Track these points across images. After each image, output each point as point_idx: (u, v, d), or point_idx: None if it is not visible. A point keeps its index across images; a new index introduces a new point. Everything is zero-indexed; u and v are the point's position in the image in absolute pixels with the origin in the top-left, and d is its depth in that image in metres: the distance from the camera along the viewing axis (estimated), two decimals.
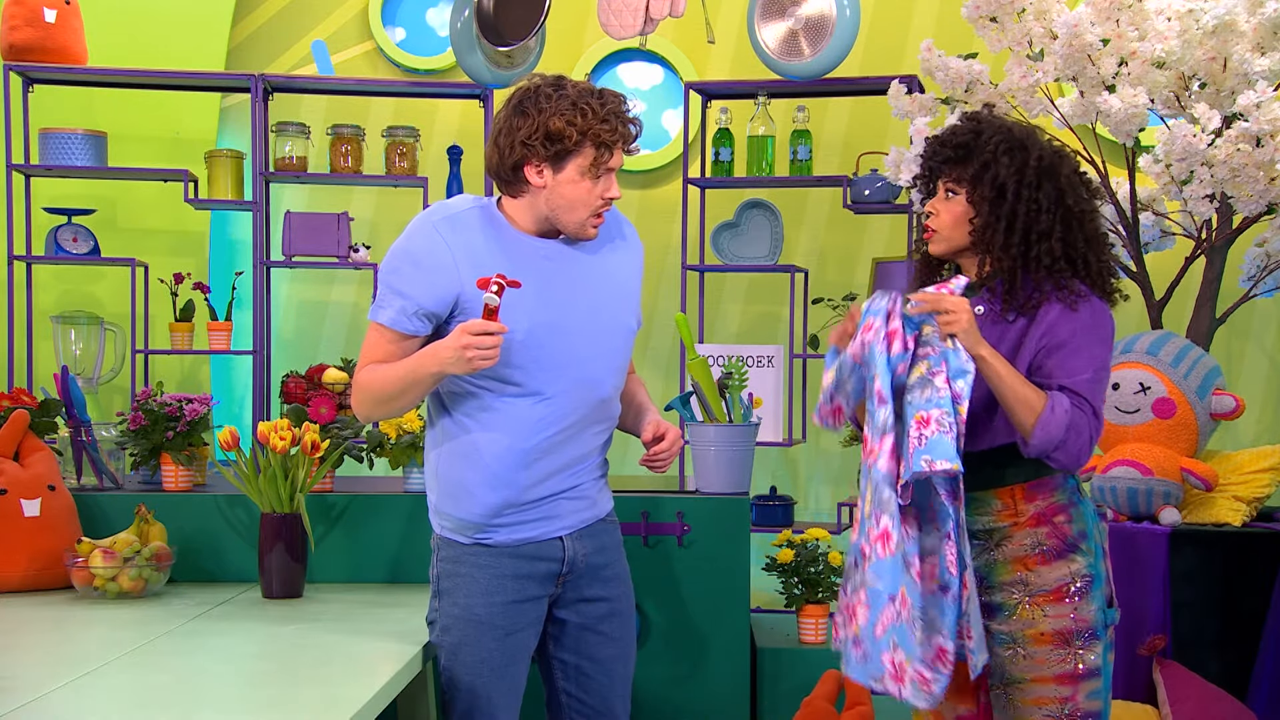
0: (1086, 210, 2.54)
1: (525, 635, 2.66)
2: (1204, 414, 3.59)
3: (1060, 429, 2.42)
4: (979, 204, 2.52)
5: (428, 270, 2.55)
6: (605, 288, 2.66)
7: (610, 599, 2.72)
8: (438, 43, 5.33)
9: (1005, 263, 2.50)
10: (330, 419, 3.56)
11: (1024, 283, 2.51)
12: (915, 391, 2.43)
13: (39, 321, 4.59)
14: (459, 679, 2.63)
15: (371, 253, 4.57)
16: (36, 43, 4.44)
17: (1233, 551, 3.45)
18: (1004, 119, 2.59)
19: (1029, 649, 2.49)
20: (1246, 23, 3.56)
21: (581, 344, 2.61)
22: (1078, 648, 2.48)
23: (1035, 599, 2.50)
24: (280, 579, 3.16)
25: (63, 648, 2.67)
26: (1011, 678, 2.51)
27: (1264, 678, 3.39)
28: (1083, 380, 2.46)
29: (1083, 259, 2.52)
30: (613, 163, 2.61)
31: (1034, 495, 2.52)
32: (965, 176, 2.53)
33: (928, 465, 2.36)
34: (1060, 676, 2.48)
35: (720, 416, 3.58)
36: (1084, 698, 2.48)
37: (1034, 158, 2.51)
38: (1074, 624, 2.48)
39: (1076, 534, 2.52)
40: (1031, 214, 2.49)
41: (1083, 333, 2.48)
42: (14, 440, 3.36)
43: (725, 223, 4.70)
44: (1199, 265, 4.01)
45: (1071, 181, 2.54)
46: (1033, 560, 2.51)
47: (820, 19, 4.45)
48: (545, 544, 2.65)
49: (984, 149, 2.52)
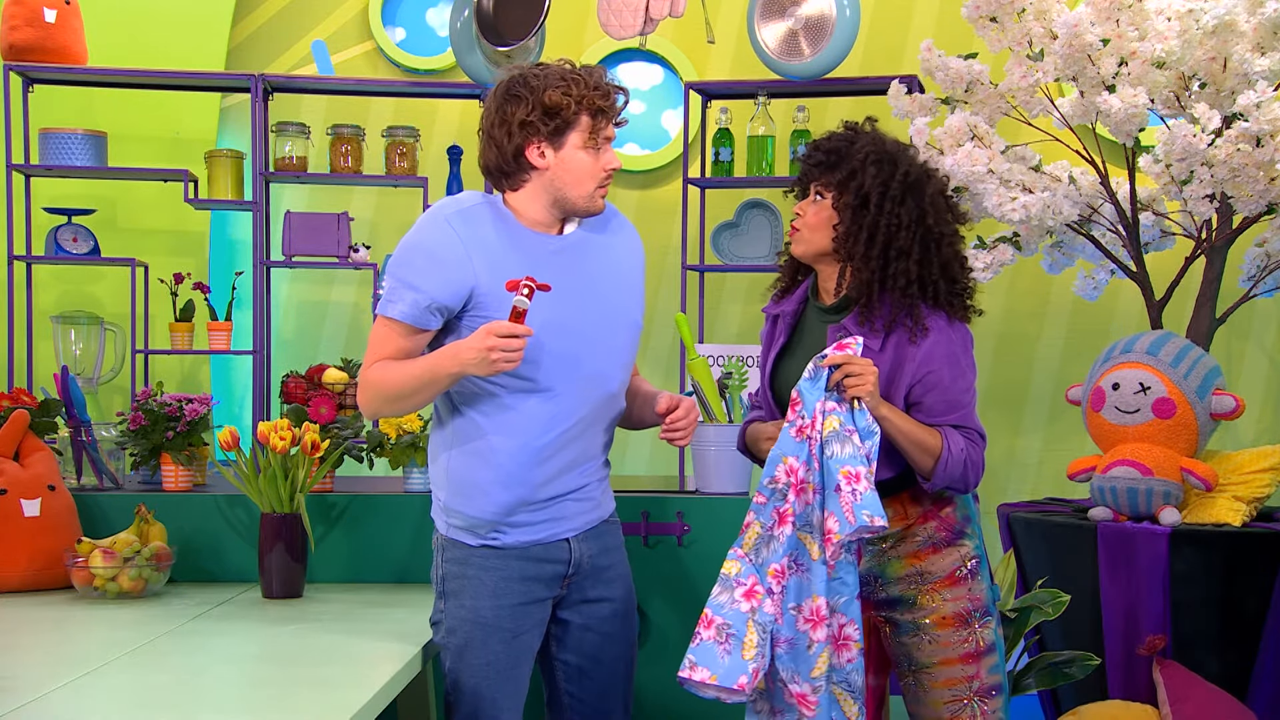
0: (946, 232, 2.60)
1: (530, 637, 2.67)
2: (1204, 414, 3.59)
3: (959, 467, 2.55)
4: (843, 211, 2.58)
5: (442, 263, 2.55)
6: (612, 282, 2.67)
7: (613, 599, 2.73)
8: (438, 43, 5.33)
9: (864, 274, 2.56)
10: (330, 419, 3.56)
11: (880, 301, 2.55)
12: (834, 445, 2.48)
13: (39, 321, 4.59)
14: (464, 681, 2.62)
15: (371, 253, 4.56)
16: (36, 43, 4.43)
17: (1233, 551, 3.45)
18: (882, 133, 2.65)
19: (933, 633, 2.62)
20: (1246, 23, 3.56)
21: (591, 339, 2.61)
22: (975, 626, 2.62)
23: (932, 586, 2.62)
24: (280, 579, 3.16)
25: (63, 648, 2.67)
26: (919, 663, 2.64)
27: (1264, 678, 3.39)
28: (965, 413, 2.58)
29: (933, 285, 2.57)
30: (608, 132, 2.61)
31: (919, 497, 2.64)
32: (833, 182, 2.59)
33: (869, 519, 2.42)
34: (965, 656, 2.61)
35: (720, 416, 3.58)
36: (986, 673, 2.61)
37: (900, 172, 2.57)
38: (970, 604, 2.62)
39: (961, 519, 2.65)
40: (892, 229, 2.55)
41: (951, 364, 2.56)
42: (14, 440, 3.36)
43: (725, 223, 4.70)
44: (1199, 265, 4.01)
45: (935, 202, 2.59)
46: (925, 553, 2.63)
47: (820, 19, 4.45)
48: (552, 546, 2.66)
49: (854, 157, 2.58)
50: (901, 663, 2.66)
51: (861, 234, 2.55)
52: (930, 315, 2.56)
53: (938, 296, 2.57)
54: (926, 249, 2.56)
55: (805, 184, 2.66)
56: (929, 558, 2.62)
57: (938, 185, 2.62)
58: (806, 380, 2.53)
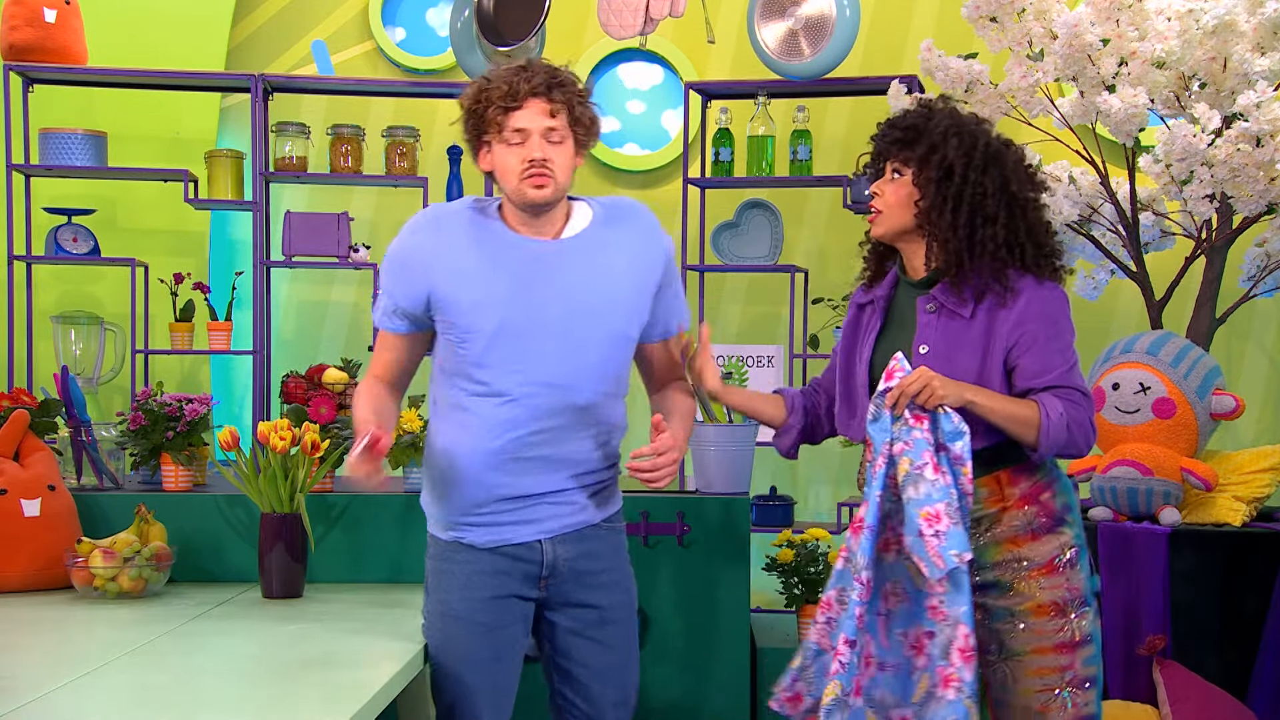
0: (1030, 198, 2.58)
1: (510, 632, 2.66)
2: (1204, 414, 3.59)
3: (1063, 431, 2.48)
4: (925, 185, 2.55)
5: (405, 268, 2.63)
6: (595, 291, 2.61)
7: (601, 606, 2.70)
8: (438, 43, 5.33)
9: (952, 244, 2.53)
10: (330, 419, 3.56)
11: (970, 270, 2.53)
12: (909, 488, 2.46)
13: (39, 321, 4.59)
14: (441, 674, 2.65)
15: (371, 253, 4.56)
16: (36, 43, 4.44)
17: (1233, 551, 3.45)
18: (958, 108, 2.63)
19: (1029, 621, 2.55)
20: (1246, 23, 3.56)
21: (553, 348, 2.58)
22: (1073, 616, 2.55)
23: (1029, 573, 2.56)
24: (280, 579, 3.16)
25: (63, 648, 2.67)
26: (1011, 651, 2.56)
27: (1264, 678, 3.39)
28: (1062, 373, 2.51)
29: (1021, 247, 2.54)
30: (523, 122, 2.57)
31: (1017, 479, 2.58)
32: (913, 158, 2.57)
33: (958, 559, 2.41)
34: (1059, 646, 2.54)
35: (720, 416, 3.58)
36: (1081, 664, 2.55)
37: (982, 143, 2.55)
38: (1068, 593, 2.55)
39: (1062, 507, 2.60)
40: (977, 197, 2.52)
41: (1047, 324, 2.52)
42: (14, 440, 3.36)
43: (725, 223, 4.70)
44: (1199, 265, 4.01)
45: (1017, 171, 2.58)
46: (1024, 539, 2.57)
47: (820, 19, 4.45)
48: (523, 545, 2.65)
49: (933, 131, 2.56)
50: (992, 649, 2.58)
51: (946, 205, 2.52)
52: (1019, 279, 2.53)
53: (1025, 259, 2.54)
54: (1012, 214, 2.53)
55: (881, 162, 2.63)
56: (1027, 544, 2.55)
57: (1017, 155, 2.60)
58: (871, 423, 2.52)
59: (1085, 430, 2.51)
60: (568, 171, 2.61)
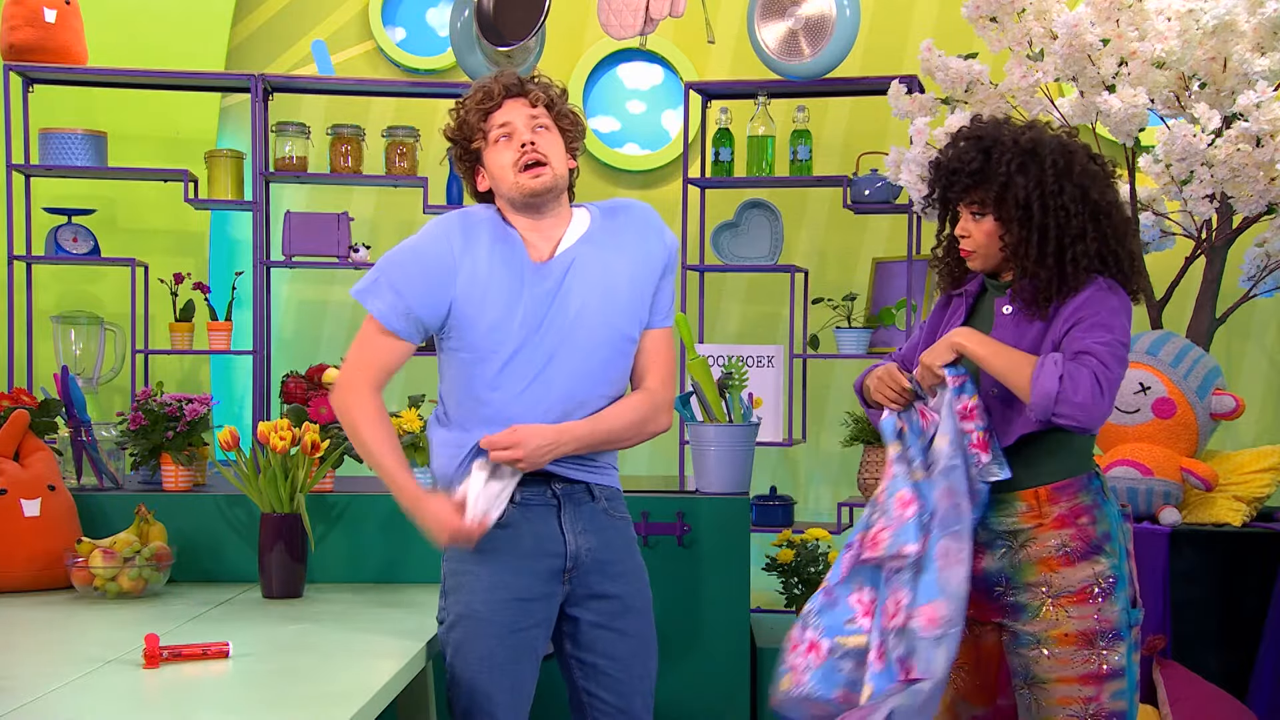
0: (1111, 201, 2.54)
1: (531, 635, 2.66)
2: (1204, 414, 3.59)
3: (1053, 380, 2.37)
4: (1008, 223, 2.52)
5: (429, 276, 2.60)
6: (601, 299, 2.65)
7: (621, 595, 2.71)
8: (438, 43, 5.33)
9: (1044, 275, 2.49)
10: (330, 419, 3.56)
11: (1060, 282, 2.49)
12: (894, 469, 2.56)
13: (39, 321, 4.59)
14: (460, 676, 2.63)
15: (371, 253, 4.56)
16: (36, 43, 4.43)
17: (1233, 551, 3.45)
18: (1006, 128, 2.57)
19: (1054, 649, 2.50)
20: (1246, 23, 3.56)
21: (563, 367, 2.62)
22: (1101, 648, 2.48)
23: (1059, 600, 2.50)
24: (280, 579, 3.16)
25: (63, 648, 2.67)
26: (1036, 678, 2.52)
27: (1264, 678, 3.39)
28: (1097, 344, 2.41)
29: (1114, 255, 2.51)
30: (506, 116, 2.63)
31: (1058, 497, 2.52)
32: (988, 200, 2.53)
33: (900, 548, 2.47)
34: (1084, 677, 2.48)
35: (720, 416, 3.58)
36: (1108, 698, 2.48)
37: (1048, 164, 2.49)
38: (1098, 625, 2.49)
39: (1101, 535, 2.52)
40: (1061, 221, 2.48)
41: (1105, 309, 2.46)
42: (14, 440, 3.36)
43: (725, 223, 4.70)
44: (1199, 265, 4.01)
45: (1089, 173, 2.53)
46: (1057, 561, 2.51)
47: (820, 19, 4.45)
48: (546, 537, 2.66)
49: (996, 172, 2.51)
50: (1018, 673, 2.55)
51: (1033, 237, 2.49)
52: (1092, 279, 2.49)
53: (1122, 270, 2.51)
54: (1099, 223, 2.49)
55: (949, 205, 2.60)
56: (1060, 569, 2.50)
57: (1082, 156, 2.54)
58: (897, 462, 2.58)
59: (1082, 391, 2.35)
60: (561, 160, 2.64)
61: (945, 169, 2.58)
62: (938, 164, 2.61)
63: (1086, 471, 2.56)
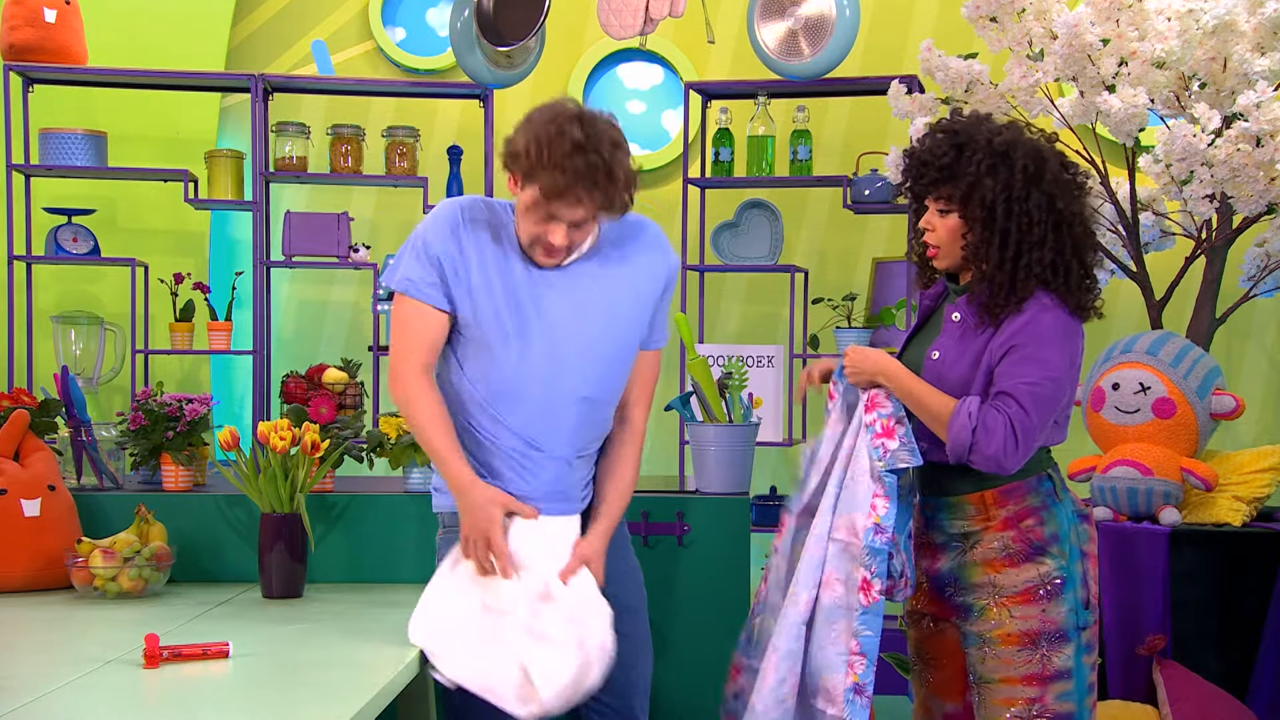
0: (1076, 212, 2.53)
1: None
2: (1204, 414, 3.59)
3: (966, 432, 2.43)
4: (971, 222, 2.52)
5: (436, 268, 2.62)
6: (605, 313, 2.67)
7: (615, 596, 2.72)
8: (438, 43, 5.33)
9: (999, 278, 2.49)
10: (330, 419, 3.56)
11: (1008, 292, 2.49)
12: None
13: (39, 321, 4.59)
14: None
15: (371, 253, 4.57)
16: (36, 43, 4.43)
17: (1233, 551, 3.45)
18: (984, 126, 2.55)
19: (997, 649, 2.52)
20: (1246, 23, 3.56)
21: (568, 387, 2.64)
22: (1044, 649, 2.50)
23: (1002, 600, 2.52)
24: (280, 579, 3.16)
25: (63, 648, 2.67)
26: (983, 677, 2.56)
27: (1264, 678, 3.39)
28: (1022, 384, 2.43)
29: (1066, 268, 2.50)
30: (563, 213, 2.53)
31: (1005, 500, 2.54)
32: (955, 197, 2.52)
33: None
34: (1028, 677, 2.50)
35: (720, 416, 3.58)
36: (1053, 699, 2.50)
37: (1019, 169, 2.48)
38: (1041, 625, 2.50)
39: (1047, 536, 2.53)
40: (1023, 227, 2.48)
41: (1036, 339, 2.45)
42: (14, 440, 3.36)
43: (725, 223, 4.70)
44: (1199, 265, 4.01)
45: (1059, 181, 2.52)
46: (1000, 563, 2.53)
47: (820, 19, 4.44)
48: None
49: (967, 170, 2.50)
50: (971, 672, 2.59)
51: (993, 240, 2.49)
52: (1035, 300, 2.47)
53: (1069, 283, 2.49)
54: (1059, 233, 2.49)
55: (920, 200, 2.60)
56: (1003, 570, 2.52)
57: (1054, 163, 2.53)
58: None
59: (995, 442, 2.40)
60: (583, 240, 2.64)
61: (916, 159, 2.58)
62: (911, 153, 2.60)
63: (1037, 474, 2.56)
